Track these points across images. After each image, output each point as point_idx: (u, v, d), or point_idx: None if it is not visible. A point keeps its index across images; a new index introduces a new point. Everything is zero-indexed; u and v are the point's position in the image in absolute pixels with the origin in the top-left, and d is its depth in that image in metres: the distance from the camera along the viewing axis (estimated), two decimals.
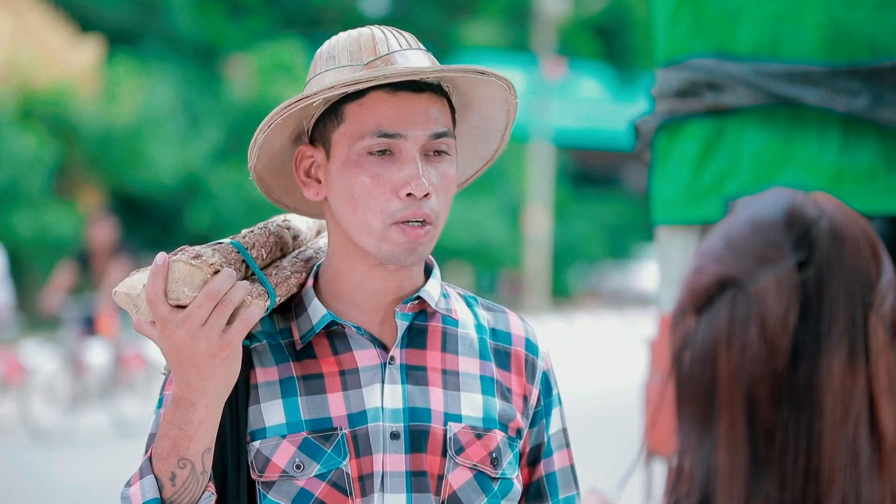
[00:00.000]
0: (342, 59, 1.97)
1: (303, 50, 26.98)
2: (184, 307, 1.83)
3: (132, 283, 1.89)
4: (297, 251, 2.09)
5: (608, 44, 34.66)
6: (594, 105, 34.31)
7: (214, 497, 1.90)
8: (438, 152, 1.96)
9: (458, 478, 1.97)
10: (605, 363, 20.45)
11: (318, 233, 2.19)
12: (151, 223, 25.52)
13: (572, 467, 2.12)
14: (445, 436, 1.97)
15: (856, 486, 1.22)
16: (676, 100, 3.20)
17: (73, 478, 10.38)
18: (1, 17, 22.65)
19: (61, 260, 15.78)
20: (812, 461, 1.22)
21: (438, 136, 1.95)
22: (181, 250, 1.87)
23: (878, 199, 3.01)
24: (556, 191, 31.37)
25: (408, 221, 1.93)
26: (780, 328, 1.23)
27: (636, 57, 34.11)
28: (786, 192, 1.31)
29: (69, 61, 23.37)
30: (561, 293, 32.06)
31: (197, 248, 1.88)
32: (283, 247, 2.06)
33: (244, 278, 1.93)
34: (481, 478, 1.98)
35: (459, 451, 1.98)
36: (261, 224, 2.05)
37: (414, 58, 1.97)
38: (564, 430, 2.12)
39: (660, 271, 3.38)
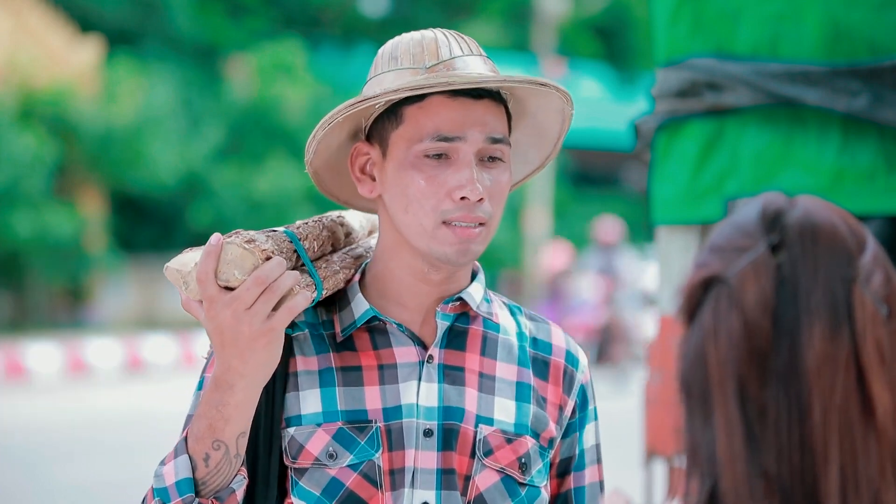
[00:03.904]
0: (404, 60, 1.99)
1: (303, 50, 26.97)
2: (232, 289, 1.86)
3: (184, 260, 1.91)
4: (348, 248, 2.11)
5: (608, 44, 34.65)
6: (594, 105, 34.28)
7: (246, 481, 1.92)
8: (493, 158, 1.98)
9: (485, 480, 1.98)
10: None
11: (371, 233, 2.21)
12: (152, 223, 25.50)
13: (601, 483, 2.13)
14: (475, 437, 1.99)
15: (852, 455, 1.24)
16: (676, 100, 3.20)
17: (73, 478, 10.38)
18: (1, 17, 22.65)
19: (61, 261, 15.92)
20: (805, 433, 1.24)
21: (495, 141, 1.97)
22: (235, 233, 1.90)
23: (878, 199, 3.01)
24: (556, 191, 31.36)
25: (458, 224, 1.95)
26: (759, 310, 1.26)
27: (636, 57, 34.10)
28: (766, 195, 1.35)
29: (69, 61, 23.36)
30: None
31: (252, 232, 1.91)
32: (334, 242, 2.08)
33: (294, 268, 1.96)
34: (509, 482, 1.99)
35: (488, 453, 1.99)
36: (316, 217, 2.08)
37: (474, 64, 1.99)
38: (598, 445, 2.14)
39: (660, 271, 3.38)
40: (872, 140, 3.01)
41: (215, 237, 1.87)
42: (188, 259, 1.91)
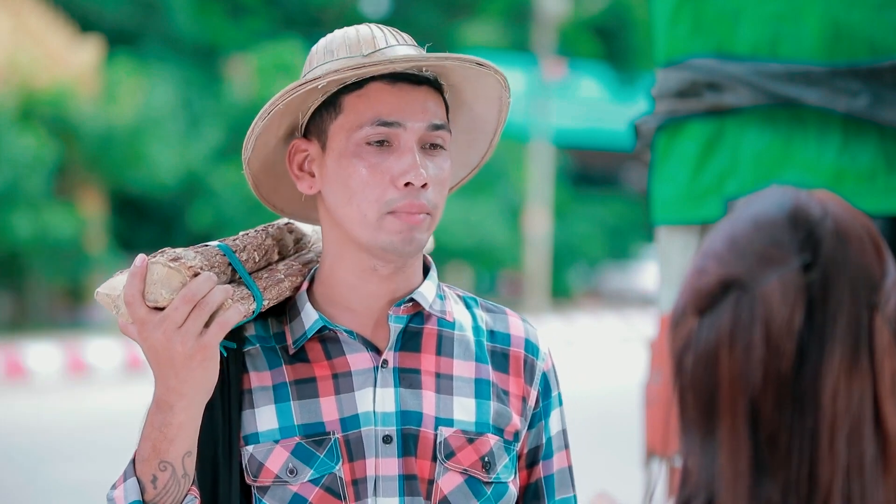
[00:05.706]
0: (340, 52, 1.97)
1: (303, 50, 26.97)
2: (162, 309, 1.83)
3: (113, 284, 1.88)
4: (297, 254, 2.07)
5: (608, 44, 34.65)
6: (594, 105, 34.31)
7: (198, 500, 1.89)
8: (434, 146, 1.95)
9: (448, 483, 1.96)
10: (605, 363, 20.46)
11: None
12: (152, 223, 25.52)
13: (570, 468, 2.10)
14: (436, 440, 1.96)
15: (861, 489, 1.20)
16: (676, 100, 3.20)
17: (73, 478, 10.38)
18: (1, 17, 22.65)
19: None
20: (816, 466, 1.20)
21: (436, 127, 1.95)
22: (161, 252, 1.87)
23: (878, 199, 3.01)
24: (556, 191, 31.37)
25: (403, 212, 1.92)
26: (785, 331, 1.21)
27: (636, 57, 34.10)
28: (788, 190, 1.28)
29: (69, 61, 23.37)
30: (561, 293, 32.07)
31: (179, 249, 1.87)
32: (281, 249, 2.04)
33: (231, 281, 1.92)
34: (473, 482, 1.97)
35: (449, 455, 1.96)
36: (261, 226, 2.04)
37: (411, 53, 1.97)
38: (564, 431, 2.09)
39: (660, 271, 3.38)
40: (872, 140, 3.02)
41: (140, 258, 1.85)
42: (118, 283, 1.88)
